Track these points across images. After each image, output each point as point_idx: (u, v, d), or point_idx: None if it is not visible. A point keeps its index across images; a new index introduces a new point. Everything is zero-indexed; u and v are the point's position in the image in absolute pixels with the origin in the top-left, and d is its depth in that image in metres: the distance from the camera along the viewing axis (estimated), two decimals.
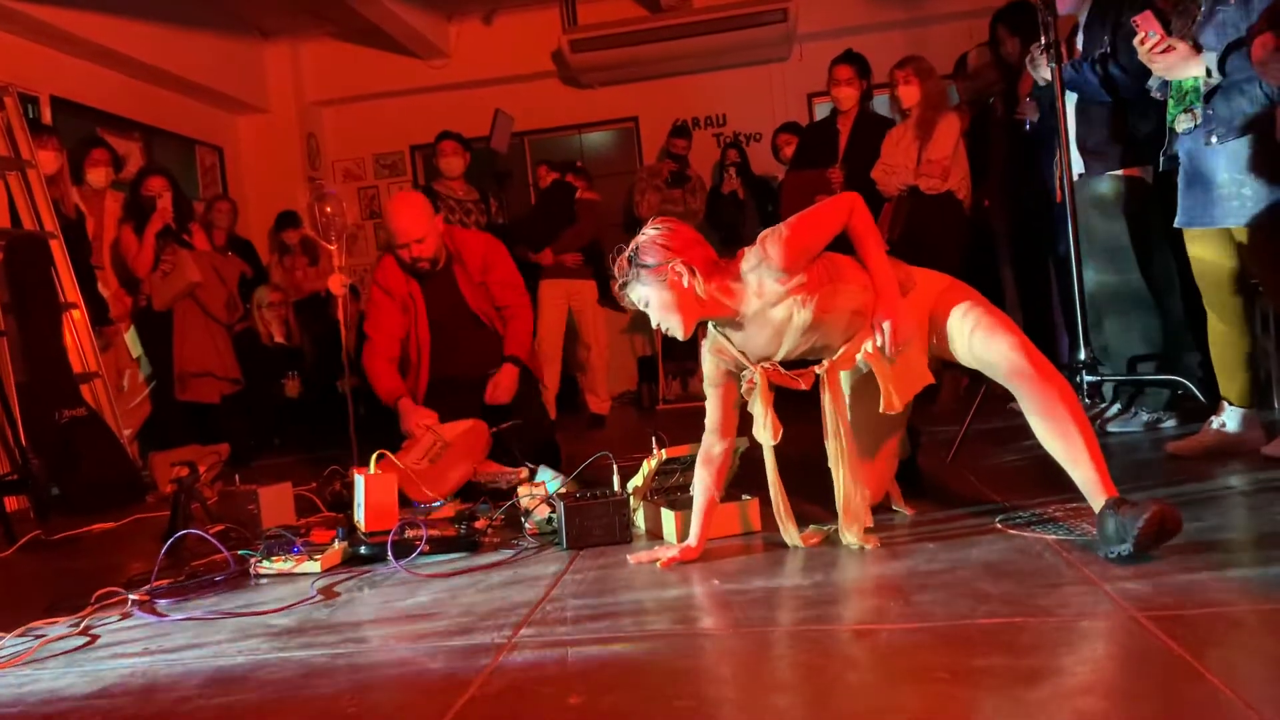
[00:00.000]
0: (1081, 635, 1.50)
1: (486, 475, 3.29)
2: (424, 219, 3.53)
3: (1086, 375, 3.17)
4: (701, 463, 2.23)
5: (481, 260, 3.60)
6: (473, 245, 3.64)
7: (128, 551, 3.14)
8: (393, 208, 3.58)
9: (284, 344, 5.91)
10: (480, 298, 3.63)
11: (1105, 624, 1.53)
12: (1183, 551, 1.84)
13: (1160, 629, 1.46)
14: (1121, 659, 1.42)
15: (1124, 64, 3.21)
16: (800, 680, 1.43)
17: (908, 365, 2.17)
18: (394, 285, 3.61)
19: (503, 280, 3.64)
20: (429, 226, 3.54)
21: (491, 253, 3.66)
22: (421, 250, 3.51)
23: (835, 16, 7.24)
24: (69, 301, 4.52)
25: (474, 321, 3.62)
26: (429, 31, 7.37)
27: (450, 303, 3.60)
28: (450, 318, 3.60)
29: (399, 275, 3.61)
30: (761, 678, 1.45)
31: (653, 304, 2.08)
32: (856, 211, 2.12)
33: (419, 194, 3.77)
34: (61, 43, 5.73)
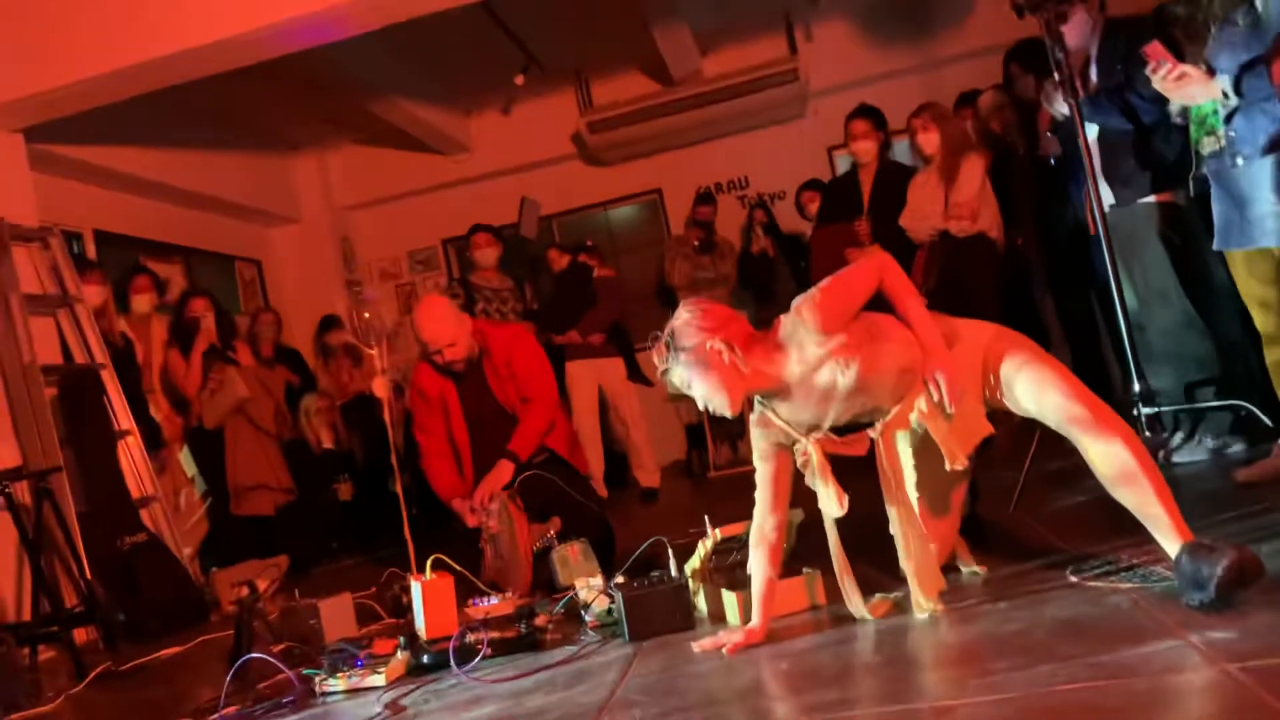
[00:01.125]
0: (1171, 694, 1.43)
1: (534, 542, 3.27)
2: (451, 323, 3.55)
3: (1144, 407, 3.09)
4: (756, 541, 2.19)
5: (506, 354, 3.61)
6: (498, 339, 3.65)
7: (196, 676, 3.14)
8: (420, 317, 3.59)
9: (333, 449, 5.97)
10: (510, 391, 3.63)
11: (1196, 679, 1.46)
12: (1269, 591, 1.76)
13: (1255, 681, 1.39)
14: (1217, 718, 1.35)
15: (1142, 91, 3.19)
16: None
17: (965, 418, 2.12)
18: (429, 389, 3.64)
19: (523, 372, 3.62)
20: (457, 329, 3.55)
21: (515, 345, 3.65)
22: (454, 353, 3.54)
23: (845, 70, 7.32)
24: (123, 429, 4.61)
25: (506, 416, 3.61)
26: (449, 128, 7.56)
27: (482, 399, 3.61)
28: (484, 413, 3.62)
29: (433, 378, 3.64)
30: None
31: (696, 385, 2.08)
32: (888, 270, 2.11)
33: (442, 299, 3.80)
34: (100, 178, 5.95)
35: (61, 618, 3.61)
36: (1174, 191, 3.34)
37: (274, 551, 4.88)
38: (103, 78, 4.28)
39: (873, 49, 7.35)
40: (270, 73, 4.86)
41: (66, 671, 3.43)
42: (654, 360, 2.11)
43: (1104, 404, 2.00)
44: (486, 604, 2.90)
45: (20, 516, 3.68)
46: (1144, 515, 1.89)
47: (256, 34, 4.15)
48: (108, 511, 4.34)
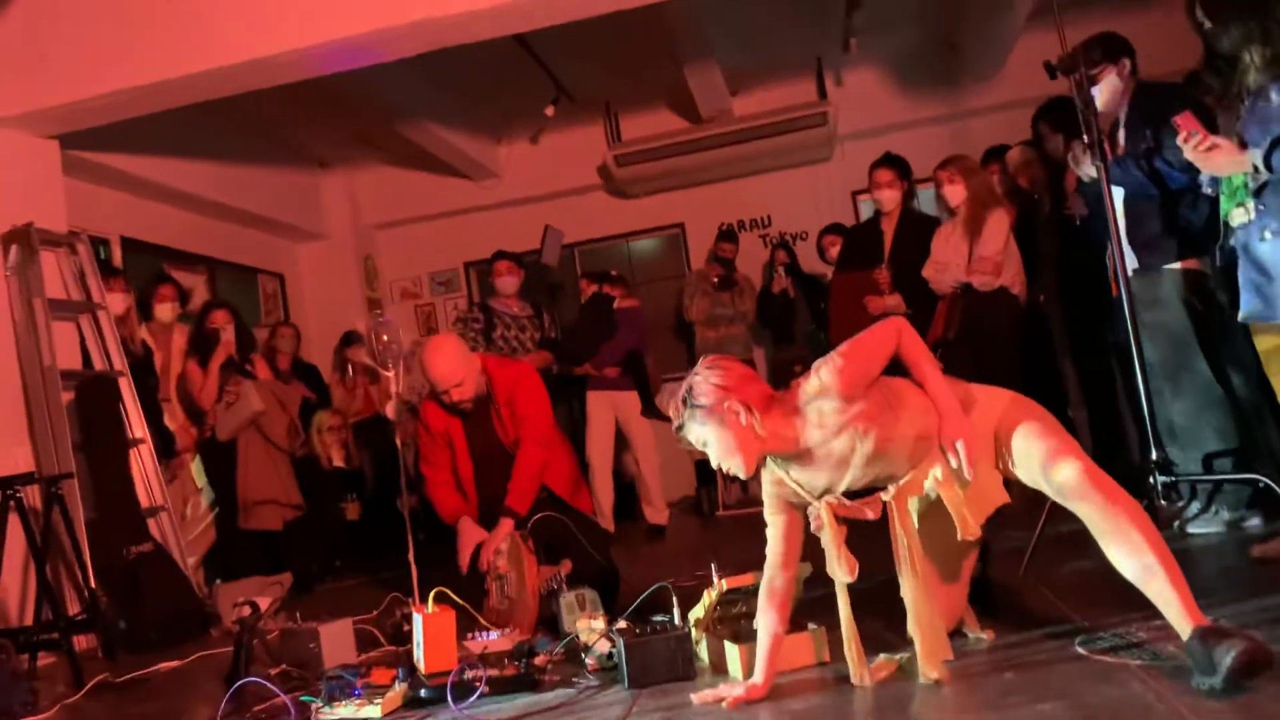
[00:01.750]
0: None
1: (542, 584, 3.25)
2: (459, 363, 3.52)
3: (1160, 476, 3.05)
4: (765, 596, 2.17)
5: (509, 393, 3.58)
6: (501, 379, 3.62)
7: (193, 693, 3.14)
8: (427, 358, 3.56)
9: (343, 467, 5.98)
10: (511, 430, 3.61)
11: None
12: None
13: None
14: None
15: (1170, 159, 3.18)
16: None
17: (979, 486, 2.11)
18: (434, 425, 3.64)
19: (521, 411, 3.58)
20: (465, 369, 3.53)
21: (517, 384, 3.61)
22: (461, 393, 3.52)
23: (875, 116, 7.36)
24: (136, 437, 4.63)
25: (509, 454, 3.59)
26: (479, 154, 7.63)
27: (486, 437, 3.60)
28: (489, 451, 3.60)
29: (439, 415, 3.63)
30: None
31: (712, 445, 2.06)
32: (905, 335, 2.10)
33: (452, 338, 3.80)
34: (129, 185, 6.02)
35: (63, 625, 3.61)
36: (1199, 259, 3.33)
37: (279, 567, 4.88)
38: (141, 89, 4.34)
39: (902, 96, 7.39)
40: (305, 91, 4.92)
41: (64, 679, 3.43)
42: (668, 413, 2.10)
43: (1113, 481, 1.98)
44: (485, 638, 2.89)
45: (29, 521, 3.69)
46: (1153, 595, 1.87)
47: (295, 54, 4.21)
48: (116, 520, 4.34)
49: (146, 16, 4.29)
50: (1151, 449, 3.10)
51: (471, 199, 8.07)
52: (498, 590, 3.29)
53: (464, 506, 3.62)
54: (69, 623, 3.66)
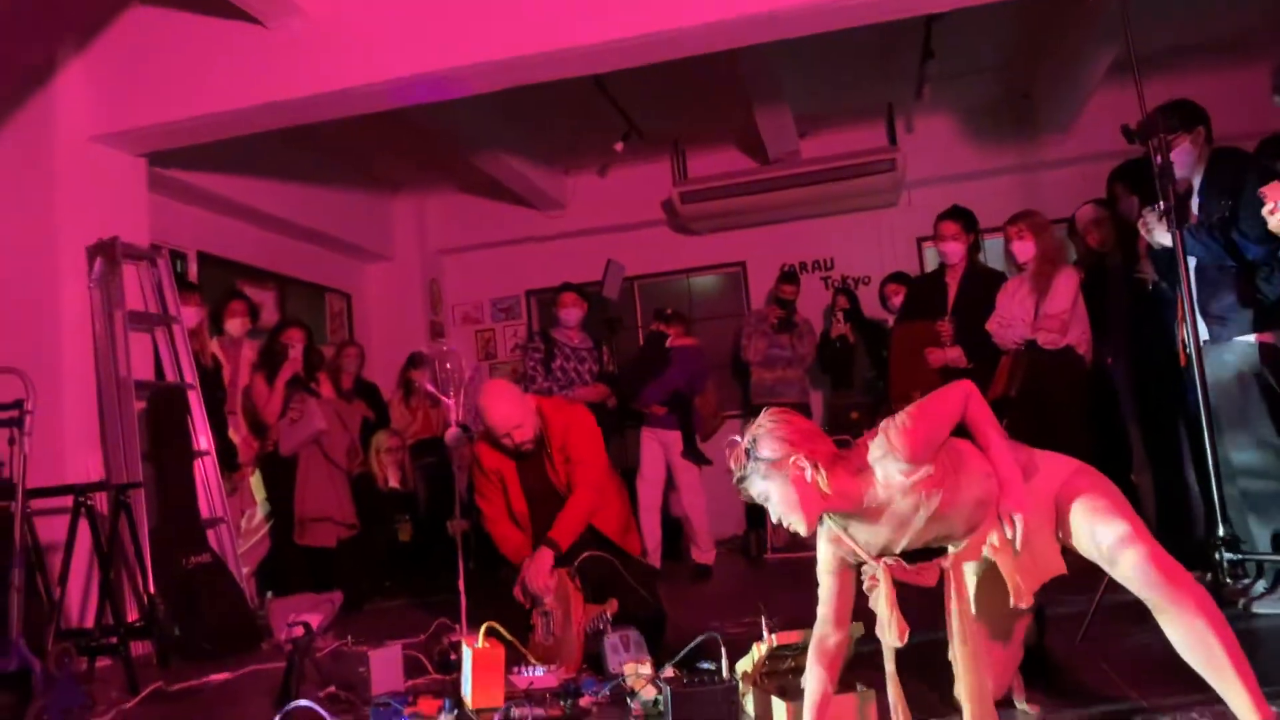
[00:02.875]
0: None
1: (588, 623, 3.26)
2: (517, 407, 3.53)
3: (1227, 553, 2.98)
4: (815, 655, 2.16)
5: (562, 436, 3.59)
6: (556, 422, 3.63)
7: (243, 708, 3.20)
8: (486, 402, 3.56)
9: (398, 489, 6.06)
10: (564, 472, 3.63)
11: None
12: None
13: None
14: None
15: (1245, 229, 3.13)
16: None
17: (1035, 556, 2.08)
18: (487, 463, 3.66)
19: (575, 454, 3.59)
20: (523, 413, 3.54)
21: (571, 428, 3.62)
22: (523, 434, 3.53)
23: (944, 164, 7.32)
24: (202, 449, 4.75)
25: (561, 495, 3.61)
26: (547, 184, 7.74)
27: (540, 478, 3.61)
28: (542, 492, 3.62)
29: (492, 455, 3.65)
30: None
31: (774, 499, 2.04)
32: (972, 399, 2.09)
33: (505, 382, 3.84)
34: (208, 202, 6.20)
35: (122, 631, 3.70)
36: (1274, 332, 3.26)
37: (330, 583, 4.96)
38: (229, 114, 4.49)
39: (973, 146, 7.34)
40: (382, 118, 5.04)
41: (119, 685, 3.52)
42: (730, 465, 2.09)
43: (1177, 564, 1.94)
44: (531, 674, 2.90)
45: (97, 527, 3.80)
46: (1218, 685, 1.82)
47: (379, 86, 4.34)
48: (177, 529, 4.45)
49: (238, 43, 4.44)
50: (1219, 524, 3.03)
51: (536, 228, 8.18)
52: (544, 626, 3.30)
53: (526, 543, 3.62)
54: (127, 629, 3.76)
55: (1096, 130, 6.38)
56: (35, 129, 4.52)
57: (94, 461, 4.33)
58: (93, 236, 4.54)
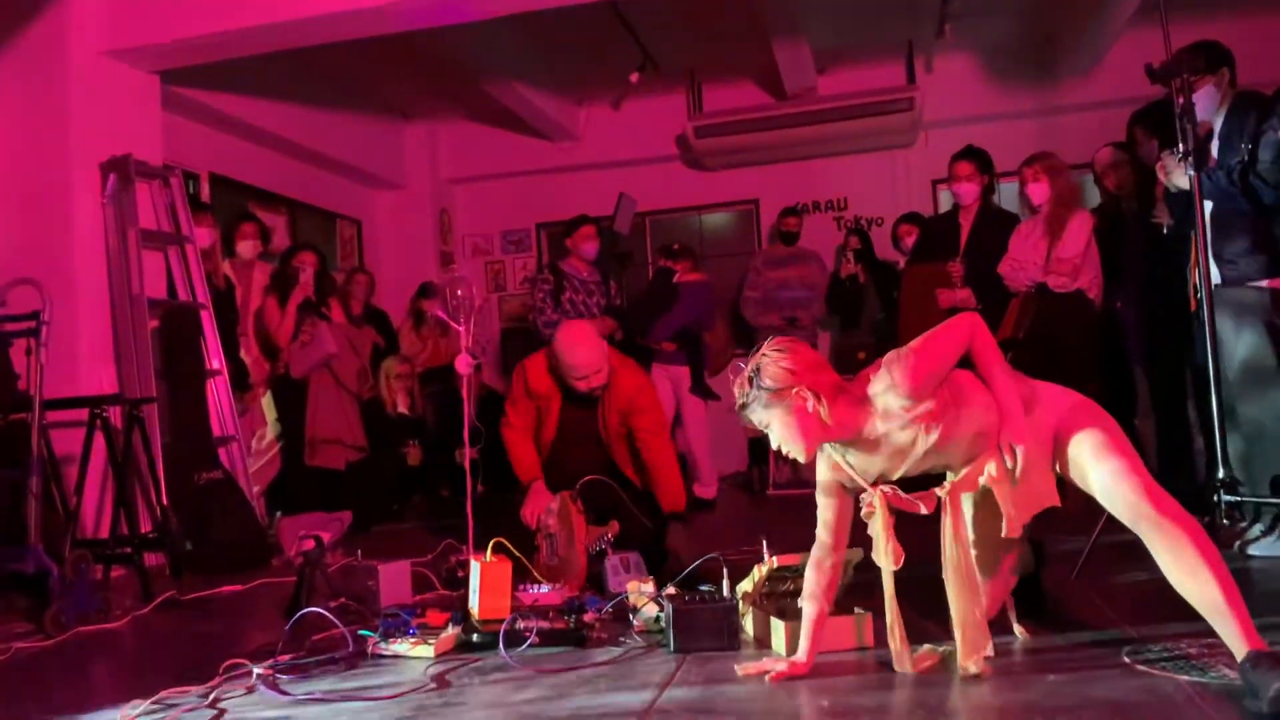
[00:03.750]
0: None
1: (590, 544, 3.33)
2: (600, 353, 3.54)
3: (1225, 495, 3.02)
4: (812, 575, 2.20)
5: (628, 401, 3.61)
6: (627, 380, 3.63)
7: (253, 618, 3.29)
8: (570, 344, 3.53)
9: (407, 414, 6.12)
10: (617, 429, 3.66)
11: None
12: None
13: None
14: None
15: (1264, 174, 3.11)
16: None
17: (1031, 485, 2.12)
18: (536, 386, 3.67)
19: (648, 427, 3.62)
20: (603, 359, 3.55)
21: (638, 397, 3.64)
22: (598, 380, 3.55)
23: (962, 105, 7.23)
24: (214, 369, 4.80)
25: (599, 441, 3.66)
26: (560, 115, 7.67)
27: (584, 420, 3.64)
28: (579, 430, 3.66)
29: (545, 381, 3.66)
30: None
31: (775, 428, 2.08)
32: (978, 332, 2.10)
33: (586, 325, 3.78)
34: (222, 123, 6.18)
35: (136, 541, 3.78)
36: None
37: (339, 505, 5.03)
38: (242, 31, 4.46)
39: (992, 87, 7.25)
40: (394, 43, 5.00)
41: (133, 593, 3.60)
42: (733, 390, 2.12)
43: (1171, 498, 1.97)
44: (537, 591, 2.97)
45: (112, 440, 3.86)
46: (1210, 616, 1.86)
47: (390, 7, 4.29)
48: (189, 446, 4.52)
49: None
50: (1219, 467, 3.06)
51: (548, 160, 8.13)
52: (548, 548, 3.37)
53: (539, 468, 3.70)
54: (141, 540, 3.84)
55: (1118, 75, 6.29)
56: (48, 43, 4.49)
57: (108, 376, 4.38)
58: (106, 153, 4.53)
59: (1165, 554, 1.92)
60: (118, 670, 2.74)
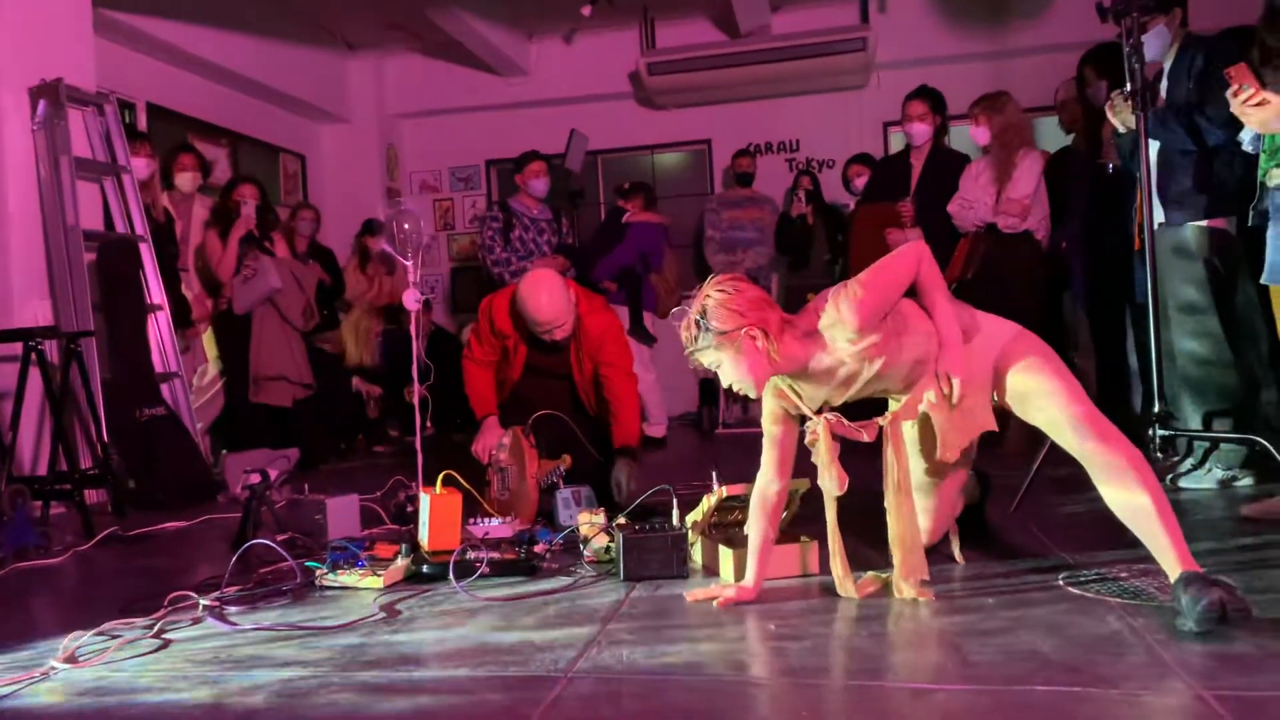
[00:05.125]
0: (1145, 711, 1.47)
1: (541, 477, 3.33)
2: (564, 303, 3.44)
3: (1160, 429, 3.11)
4: (757, 503, 2.24)
5: (598, 343, 3.56)
6: (590, 329, 3.57)
7: (199, 553, 3.25)
8: (531, 295, 3.42)
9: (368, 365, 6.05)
10: (585, 368, 3.63)
11: (1171, 700, 1.50)
12: (1255, 626, 1.79)
13: (1228, 710, 1.43)
14: None
15: (1210, 114, 3.15)
16: None
17: (967, 413, 2.17)
18: (501, 325, 3.60)
19: (609, 360, 3.58)
20: (567, 308, 3.46)
21: (606, 337, 3.59)
22: (563, 333, 3.48)
23: (915, 46, 7.22)
24: (155, 303, 4.68)
25: (566, 383, 3.64)
26: (510, 49, 7.51)
27: (556, 362, 3.60)
28: (546, 369, 3.62)
29: (510, 328, 3.59)
30: None
31: (725, 368, 2.08)
32: (924, 262, 2.13)
33: (551, 275, 3.64)
34: (159, 51, 5.96)
35: (76, 477, 3.71)
36: (1226, 219, 3.32)
37: (286, 443, 4.97)
38: None
39: (945, 29, 7.24)
40: None
41: (75, 529, 3.55)
42: (680, 333, 2.11)
43: (1111, 424, 2.02)
44: (487, 524, 2.97)
45: (48, 375, 3.76)
46: (1145, 537, 1.92)
47: None
48: (130, 382, 4.42)
49: None
50: (1155, 402, 3.14)
51: (498, 95, 7.98)
52: (499, 482, 3.37)
53: (494, 405, 3.66)
54: (82, 476, 3.76)
55: (1071, 18, 6.32)
56: None
57: (43, 310, 4.24)
58: (35, 78, 4.34)
59: (1103, 475, 1.97)
60: (58, 604, 2.70)
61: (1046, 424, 2.09)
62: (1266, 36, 2.77)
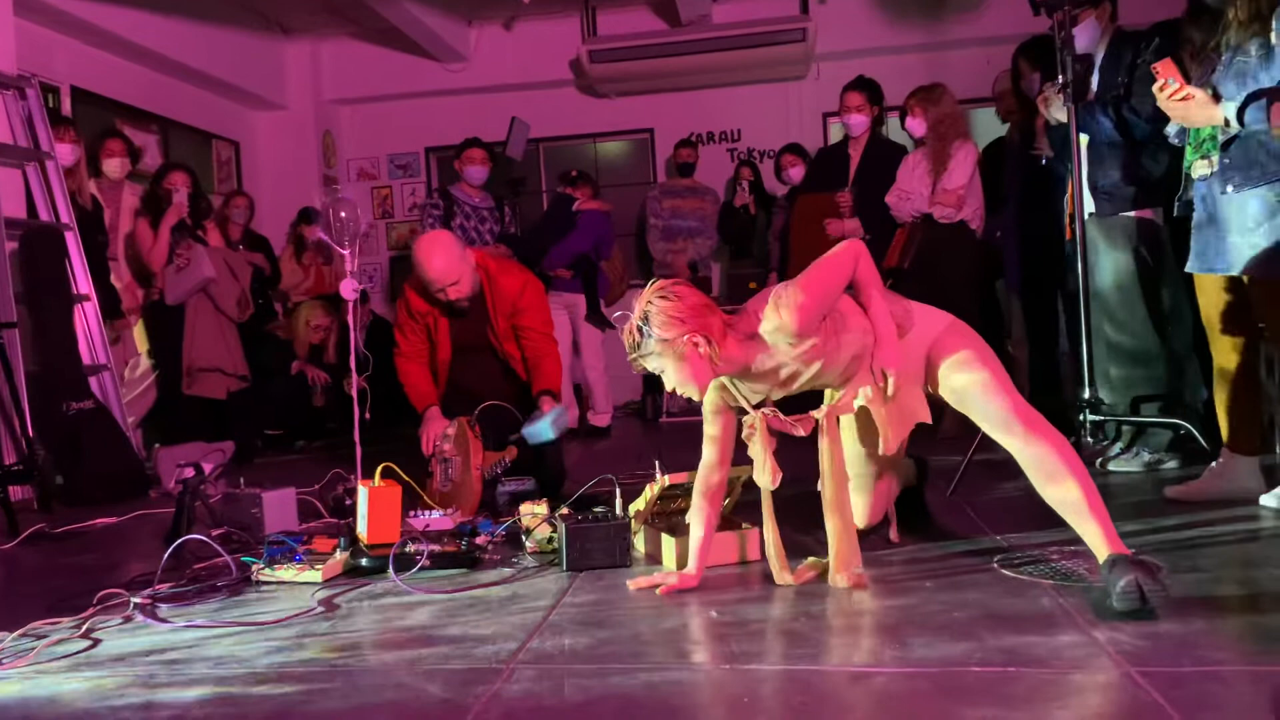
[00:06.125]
0: (1076, 689, 1.51)
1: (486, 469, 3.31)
2: (457, 261, 3.42)
3: (1089, 414, 3.19)
4: (699, 492, 2.25)
5: (512, 304, 3.54)
6: (505, 289, 3.55)
7: (130, 549, 3.17)
8: (424, 252, 3.43)
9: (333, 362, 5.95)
10: (506, 334, 3.61)
11: (1100, 678, 1.54)
12: (1180, 605, 1.85)
13: (1154, 686, 1.47)
14: (1114, 717, 1.43)
15: (1137, 107, 3.23)
16: None
17: (903, 405, 2.20)
18: (417, 306, 3.58)
19: (532, 325, 3.56)
20: (462, 266, 3.44)
21: (524, 298, 3.57)
22: (458, 291, 3.45)
23: (854, 38, 7.28)
24: (82, 294, 4.55)
25: (493, 352, 3.61)
26: (449, 35, 7.42)
27: (475, 333, 3.57)
28: (472, 344, 3.59)
29: (423, 304, 3.57)
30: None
31: (669, 373, 2.08)
32: (862, 260, 2.15)
33: (444, 234, 3.65)
34: (83, 33, 5.77)
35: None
36: (1154, 210, 3.40)
37: (221, 436, 4.87)
38: None
39: (884, 22, 7.31)
40: None
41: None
42: (622, 339, 2.10)
43: (1039, 414, 2.08)
44: (428, 517, 2.94)
45: None
46: (1075, 523, 1.97)
47: None
48: (57, 375, 4.30)
49: None
50: (1085, 388, 3.22)
51: (437, 82, 7.87)
52: (442, 473, 3.34)
53: (435, 395, 3.63)
54: (5, 472, 3.64)
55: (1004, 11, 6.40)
56: None
57: None
58: None
59: (1032, 465, 2.02)
60: None
61: (977, 415, 2.14)
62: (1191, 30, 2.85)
